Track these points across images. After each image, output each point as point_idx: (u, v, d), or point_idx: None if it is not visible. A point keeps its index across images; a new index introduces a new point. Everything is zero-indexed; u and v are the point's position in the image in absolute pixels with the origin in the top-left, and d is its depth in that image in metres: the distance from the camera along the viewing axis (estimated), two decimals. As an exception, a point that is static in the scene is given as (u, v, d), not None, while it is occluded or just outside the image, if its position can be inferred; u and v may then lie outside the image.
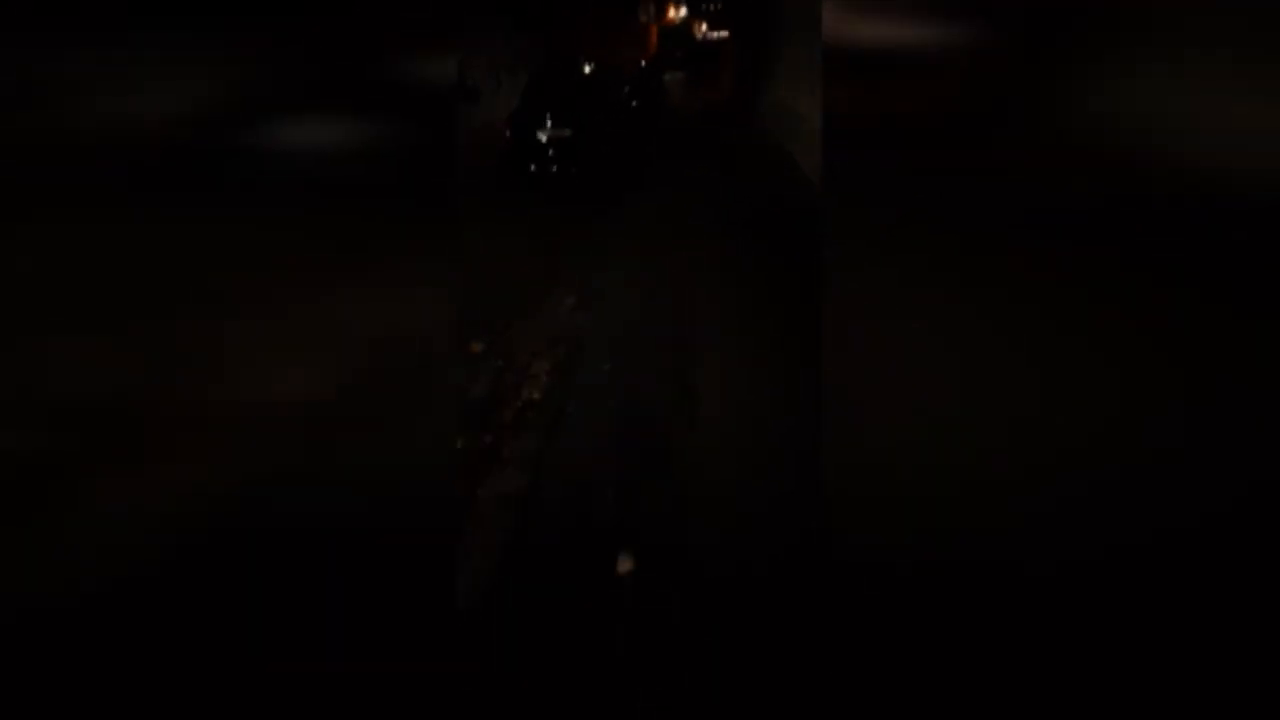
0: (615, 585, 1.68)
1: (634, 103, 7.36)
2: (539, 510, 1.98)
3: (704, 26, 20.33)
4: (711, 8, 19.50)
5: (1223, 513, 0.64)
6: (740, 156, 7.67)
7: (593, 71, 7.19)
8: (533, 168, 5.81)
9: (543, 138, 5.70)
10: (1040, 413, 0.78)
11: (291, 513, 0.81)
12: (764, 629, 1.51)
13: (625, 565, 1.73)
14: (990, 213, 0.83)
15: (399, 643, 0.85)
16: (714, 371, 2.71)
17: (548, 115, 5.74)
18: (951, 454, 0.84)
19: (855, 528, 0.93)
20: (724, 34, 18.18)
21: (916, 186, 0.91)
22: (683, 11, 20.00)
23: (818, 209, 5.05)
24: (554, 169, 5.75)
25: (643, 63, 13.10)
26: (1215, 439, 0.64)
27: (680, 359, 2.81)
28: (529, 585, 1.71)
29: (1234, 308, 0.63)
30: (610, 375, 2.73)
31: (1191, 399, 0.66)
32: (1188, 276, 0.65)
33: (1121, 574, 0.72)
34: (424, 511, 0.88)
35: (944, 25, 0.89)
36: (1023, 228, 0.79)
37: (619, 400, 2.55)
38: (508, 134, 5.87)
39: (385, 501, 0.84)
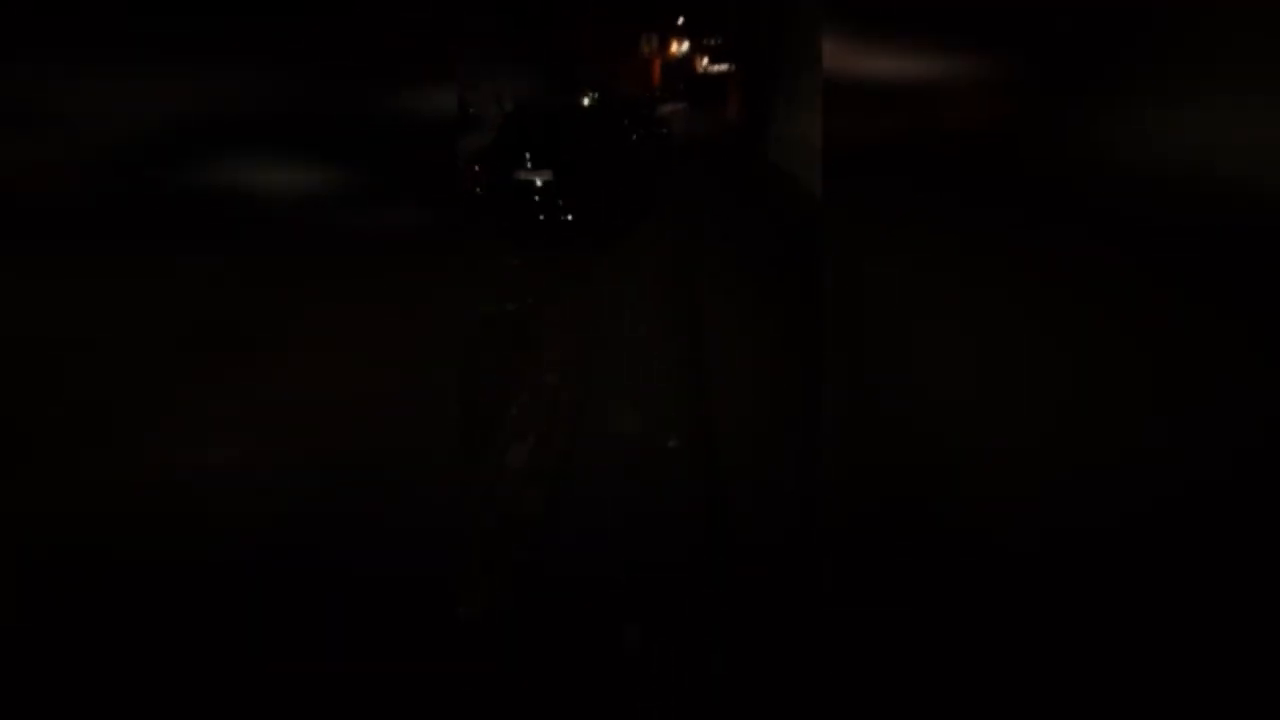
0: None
1: (634, 136, 6.53)
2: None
3: (705, 61, 20.81)
4: (713, 43, 19.91)
5: (1215, 507, 0.63)
6: (753, 183, 7.12)
7: (589, 103, 6.49)
8: (506, 218, 4.90)
9: (525, 179, 4.81)
10: (1036, 412, 0.80)
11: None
12: None
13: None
14: (983, 216, 0.88)
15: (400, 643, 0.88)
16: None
17: (526, 154, 4.84)
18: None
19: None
20: (724, 68, 18.51)
21: (910, 195, 0.99)
22: (685, 46, 20.33)
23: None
24: (541, 217, 4.81)
25: (645, 95, 12.97)
26: (1210, 435, 0.64)
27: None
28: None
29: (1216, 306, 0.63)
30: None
31: (1190, 399, 0.66)
32: (1180, 281, 0.66)
33: (1115, 573, 0.70)
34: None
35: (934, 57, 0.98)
36: (1015, 229, 0.83)
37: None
38: (476, 172, 4.96)
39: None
